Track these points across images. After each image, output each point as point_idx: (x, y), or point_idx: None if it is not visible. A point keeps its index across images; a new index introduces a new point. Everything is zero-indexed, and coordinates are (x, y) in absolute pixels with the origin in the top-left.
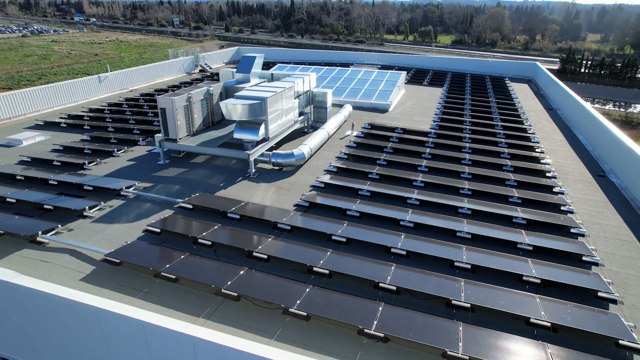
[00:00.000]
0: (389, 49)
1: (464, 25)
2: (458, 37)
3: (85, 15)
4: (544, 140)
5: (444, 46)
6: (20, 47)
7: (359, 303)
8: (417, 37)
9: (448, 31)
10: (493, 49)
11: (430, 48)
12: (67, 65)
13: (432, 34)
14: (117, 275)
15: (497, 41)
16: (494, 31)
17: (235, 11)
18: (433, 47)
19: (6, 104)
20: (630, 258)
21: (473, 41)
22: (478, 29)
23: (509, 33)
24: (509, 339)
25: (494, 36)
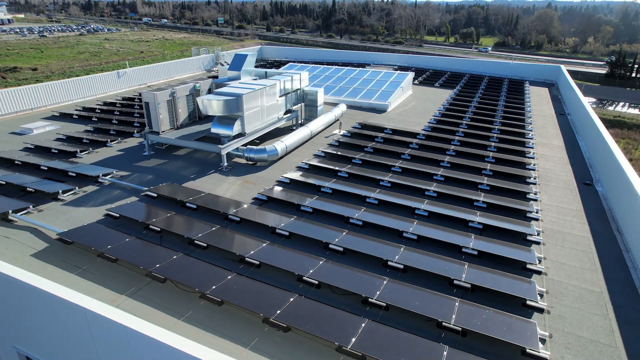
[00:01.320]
0: (427, 51)
1: (508, 27)
2: (501, 39)
3: (138, 14)
4: (541, 146)
5: (485, 48)
6: (76, 45)
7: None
8: (459, 38)
9: (491, 33)
10: (538, 51)
11: (470, 50)
12: (113, 62)
13: (474, 36)
14: (66, 253)
15: (543, 43)
16: (541, 33)
17: (278, 11)
18: (473, 49)
19: (29, 96)
20: (578, 269)
21: (517, 43)
22: (523, 31)
23: (558, 35)
24: (408, 339)
25: (539, 38)
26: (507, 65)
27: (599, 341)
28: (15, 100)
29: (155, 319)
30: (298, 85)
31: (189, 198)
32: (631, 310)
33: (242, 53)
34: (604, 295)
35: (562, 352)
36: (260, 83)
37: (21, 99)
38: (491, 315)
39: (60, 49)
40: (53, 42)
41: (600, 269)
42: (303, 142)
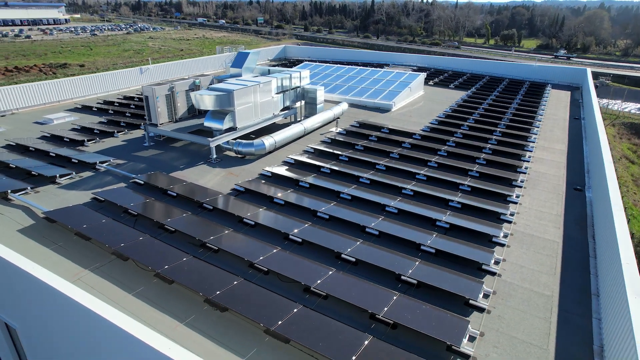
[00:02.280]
0: (464, 52)
1: (553, 28)
2: (544, 42)
3: (183, 14)
4: (541, 149)
5: (526, 51)
6: (122, 43)
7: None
8: (499, 40)
9: (535, 35)
10: (584, 54)
11: (509, 53)
12: (154, 59)
13: (515, 38)
14: (48, 230)
15: (591, 46)
16: (588, 35)
17: (317, 11)
18: (513, 51)
19: (56, 89)
20: (536, 272)
21: (562, 46)
22: (569, 33)
23: (607, 37)
24: (334, 325)
25: (586, 40)
26: (530, 68)
27: (530, 342)
28: (44, 92)
29: (110, 293)
30: (297, 83)
31: (170, 186)
32: (575, 315)
33: (244, 51)
34: (553, 299)
35: (489, 350)
36: (255, 80)
37: (49, 92)
38: (425, 310)
39: (107, 46)
40: (102, 40)
41: (560, 274)
42: (296, 139)
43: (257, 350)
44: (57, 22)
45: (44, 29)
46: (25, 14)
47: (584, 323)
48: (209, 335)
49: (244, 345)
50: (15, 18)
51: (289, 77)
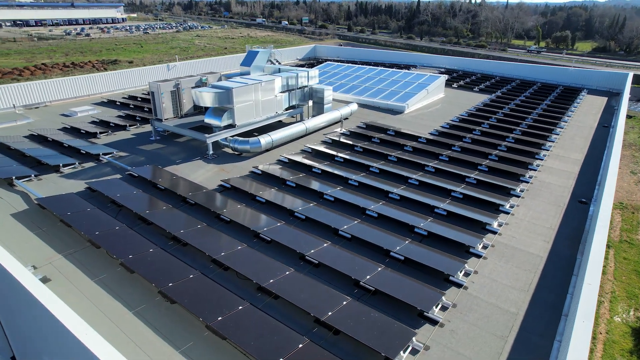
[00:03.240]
0: (509, 55)
1: (613, 30)
2: (601, 44)
3: (231, 13)
4: (555, 158)
5: (579, 54)
6: (171, 41)
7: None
8: (550, 43)
9: (591, 37)
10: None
11: (560, 56)
12: (198, 57)
13: (569, 40)
14: (37, 215)
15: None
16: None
17: (363, 11)
18: (564, 54)
19: (88, 83)
20: (507, 287)
21: (621, 48)
22: (630, 35)
23: None
24: (274, 326)
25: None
26: (566, 72)
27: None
28: (75, 87)
29: (73, 277)
30: (305, 82)
31: (159, 180)
32: (535, 335)
33: (254, 50)
34: (517, 318)
35: None
36: (257, 79)
37: (80, 86)
38: (371, 317)
39: (157, 44)
40: (152, 38)
41: (533, 291)
42: (296, 138)
43: (194, 345)
44: (115, 21)
45: (102, 28)
46: (87, 14)
47: (544, 344)
48: (153, 325)
49: (182, 337)
50: (79, 17)
51: (295, 76)
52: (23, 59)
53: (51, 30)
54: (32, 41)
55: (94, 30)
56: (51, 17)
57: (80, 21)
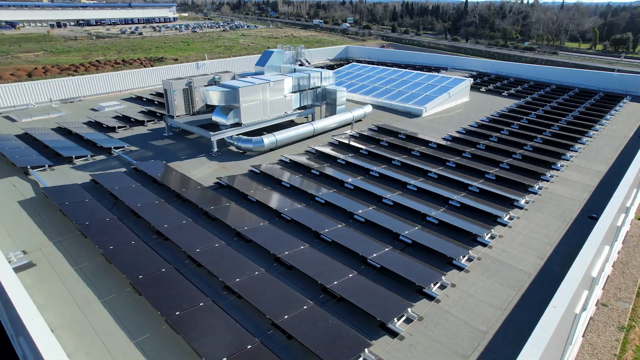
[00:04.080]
0: (560, 59)
1: None
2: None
3: (277, 13)
4: (573, 168)
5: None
6: (217, 39)
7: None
8: (608, 46)
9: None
10: None
11: (617, 60)
12: (241, 56)
13: (630, 42)
14: (41, 204)
15: None
16: None
17: (408, 12)
18: (622, 58)
19: (120, 80)
20: (483, 303)
21: None
22: None
23: None
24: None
25: None
26: (608, 77)
27: None
28: (109, 83)
29: (56, 264)
30: (318, 83)
31: (158, 175)
32: (500, 356)
33: (269, 50)
34: (484, 336)
35: None
36: (265, 78)
37: (113, 82)
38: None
39: (203, 42)
40: (199, 37)
41: (511, 309)
42: (303, 138)
43: (149, 337)
44: (167, 20)
45: (155, 27)
46: (142, 13)
47: None
48: (116, 315)
49: (141, 329)
50: (135, 17)
51: (307, 77)
52: (80, 56)
53: (108, 29)
54: (90, 39)
55: (147, 29)
56: (110, 16)
57: (135, 20)
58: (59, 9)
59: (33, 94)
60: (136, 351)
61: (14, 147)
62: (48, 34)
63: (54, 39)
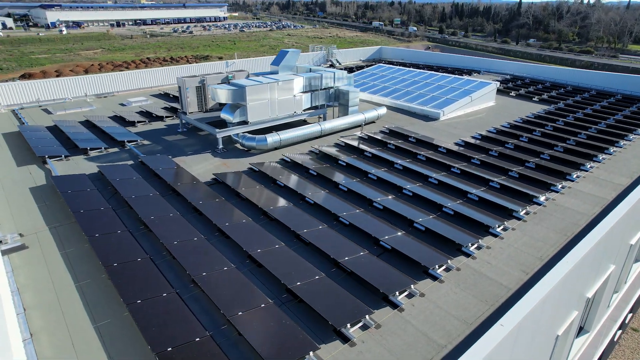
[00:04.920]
0: (620, 63)
1: None
2: None
3: (325, 13)
4: (590, 180)
5: None
6: (263, 39)
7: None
8: None
9: None
10: None
11: None
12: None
13: None
14: (48, 191)
15: None
16: None
17: (458, 13)
18: None
19: (152, 76)
20: (449, 317)
21: None
22: None
23: None
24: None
25: None
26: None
27: None
28: (140, 79)
29: (46, 247)
30: (330, 83)
31: (159, 168)
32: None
33: (285, 50)
34: (441, 350)
35: None
36: (275, 78)
37: (145, 79)
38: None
39: (249, 42)
40: (247, 36)
41: (477, 325)
42: (309, 138)
43: (110, 322)
44: (217, 19)
45: (205, 26)
46: (194, 13)
47: None
48: (85, 299)
49: (104, 314)
50: (187, 16)
51: (319, 77)
52: (133, 54)
53: (162, 28)
54: (144, 38)
55: (197, 28)
56: (165, 16)
57: (187, 20)
58: (120, 10)
59: (73, 89)
60: (94, 334)
61: (40, 138)
62: (107, 33)
63: (112, 38)
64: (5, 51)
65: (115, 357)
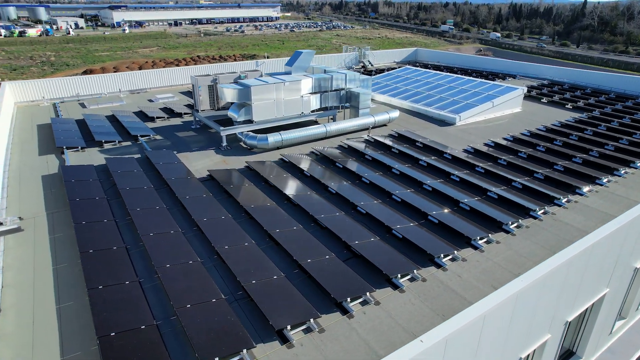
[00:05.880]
0: None
1: None
2: None
3: (377, 14)
4: (602, 196)
5: None
6: (311, 39)
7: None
8: None
9: None
10: None
11: None
12: None
13: None
14: (57, 179)
15: None
16: None
17: (516, 14)
18: None
19: (183, 73)
20: (398, 327)
21: None
22: None
23: None
24: None
25: None
26: None
27: None
28: (172, 76)
29: (38, 230)
30: (342, 85)
31: (159, 163)
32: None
33: (299, 51)
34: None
35: None
36: (282, 79)
37: (176, 76)
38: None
39: (297, 41)
40: (296, 36)
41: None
42: (313, 139)
43: (73, 304)
44: (269, 19)
45: (256, 25)
46: (248, 13)
47: None
48: (58, 280)
49: (70, 296)
50: (241, 16)
51: (328, 79)
52: (186, 52)
53: (216, 27)
54: (198, 37)
55: (250, 27)
56: (220, 15)
57: (241, 19)
58: (178, 9)
59: (110, 85)
60: (54, 315)
61: (65, 130)
62: (164, 32)
63: (168, 36)
64: (74, 49)
65: (65, 338)
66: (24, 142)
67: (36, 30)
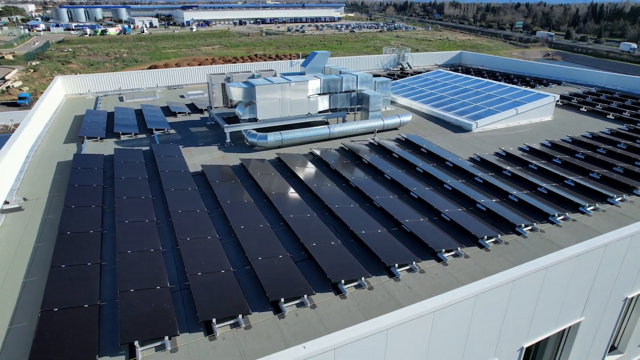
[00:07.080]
0: None
1: None
2: None
3: (443, 15)
4: (608, 215)
5: None
6: (370, 40)
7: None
8: None
9: None
10: None
11: None
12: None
13: None
14: (67, 166)
15: None
16: None
17: (595, 15)
18: None
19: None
20: (323, 328)
21: None
22: None
23: None
24: None
25: None
26: None
27: None
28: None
29: (33, 217)
30: (352, 86)
31: (160, 155)
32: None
33: (314, 51)
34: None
35: None
36: (288, 79)
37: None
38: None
39: (355, 42)
40: (355, 37)
41: None
42: (315, 140)
43: (35, 280)
44: (332, 20)
45: (317, 25)
46: (310, 13)
47: None
48: (32, 258)
49: (36, 273)
50: (303, 16)
51: (338, 80)
52: (245, 50)
53: (278, 27)
54: (260, 36)
55: (311, 27)
56: (283, 15)
57: (304, 19)
58: (244, 9)
59: (149, 80)
60: (17, 289)
61: (93, 121)
62: (228, 31)
63: (232, 35)
64: (144, 46)
65: (20, 309)
66: (57, 130)
67: (115, 29)
